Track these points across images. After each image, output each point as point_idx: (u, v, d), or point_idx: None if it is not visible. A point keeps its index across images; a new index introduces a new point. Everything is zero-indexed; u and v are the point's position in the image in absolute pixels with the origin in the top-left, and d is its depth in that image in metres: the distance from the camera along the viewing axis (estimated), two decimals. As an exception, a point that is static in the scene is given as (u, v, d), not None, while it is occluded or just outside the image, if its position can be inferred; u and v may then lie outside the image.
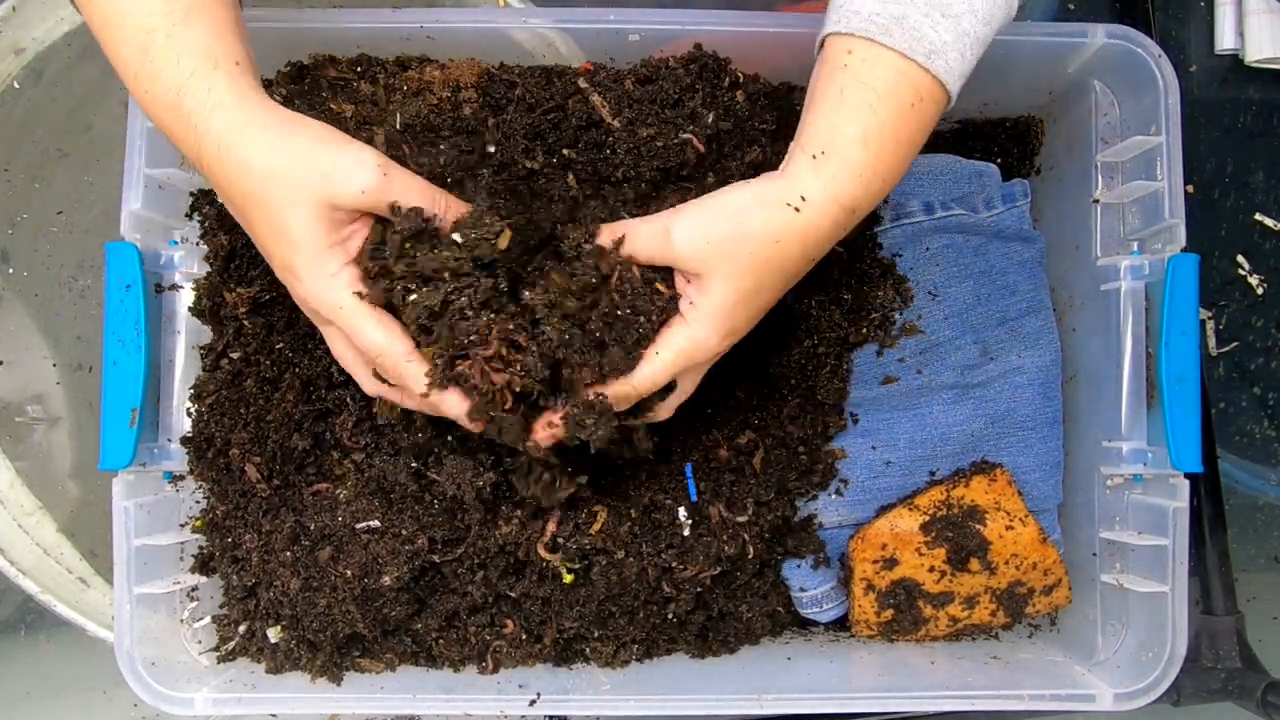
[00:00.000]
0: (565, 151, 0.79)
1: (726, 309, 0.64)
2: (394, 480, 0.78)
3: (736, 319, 0.65)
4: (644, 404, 0.68)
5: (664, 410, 0.70)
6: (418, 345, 0.64)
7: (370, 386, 0.69)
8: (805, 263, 0.66)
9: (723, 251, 0.63)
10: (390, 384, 0.67)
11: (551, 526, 0.76)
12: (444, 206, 0.66)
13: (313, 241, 0.62)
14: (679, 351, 0.65)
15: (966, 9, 0.63)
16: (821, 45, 0.67)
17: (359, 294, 0.63)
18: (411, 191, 0.64)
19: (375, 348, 0.64)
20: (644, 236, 0.66)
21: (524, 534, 0.76)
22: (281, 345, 0.81)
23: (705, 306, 0.64)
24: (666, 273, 0.66)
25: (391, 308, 0.64)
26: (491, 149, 0.77)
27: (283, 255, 0.63)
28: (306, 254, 0.62)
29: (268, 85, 0.82)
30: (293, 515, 0.79)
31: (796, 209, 0.62)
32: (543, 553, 0.76)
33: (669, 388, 0.69)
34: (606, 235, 0.66)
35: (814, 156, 0.63)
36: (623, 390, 0.66)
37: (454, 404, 0.64)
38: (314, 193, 0.61)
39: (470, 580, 0.80)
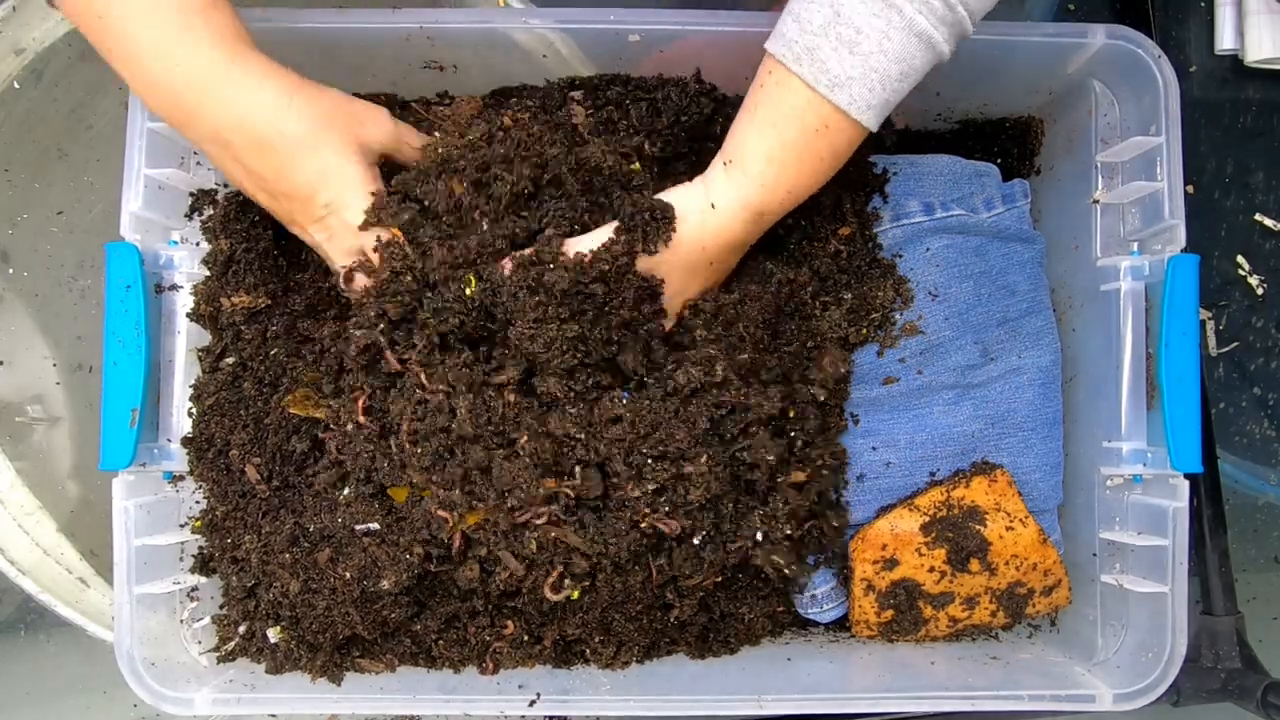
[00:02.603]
0: None
1: (678, 294, 0.77)
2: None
3: (686, 296, 0.78)
4: None
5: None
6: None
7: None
8: (730, 252, 0.77)
9: (660, 256, 0.74)
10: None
11: (558, 570, 0.76)
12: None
13: (362, 180, 0.73)
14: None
15: (876, 48, 0.66)
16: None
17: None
18: (412, 136, 0.79)
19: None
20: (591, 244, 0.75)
21: (526, 580, 0.76)
22: (277, 351, 0.81)
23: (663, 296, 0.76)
24: None
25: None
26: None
27: (332, 194, 0.73)
28: (362, 188, 0.73)
29: None
30: (292, 517, 0.79)
31: (711, 211, 0.73)
32: (549, 595, 0.76)
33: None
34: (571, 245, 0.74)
35: (725, 164, 0.73)
36: None
37: None
38: (356, 137, 0.74)
39: (469, 591, 0.79)
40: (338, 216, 0.74)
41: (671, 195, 0.75)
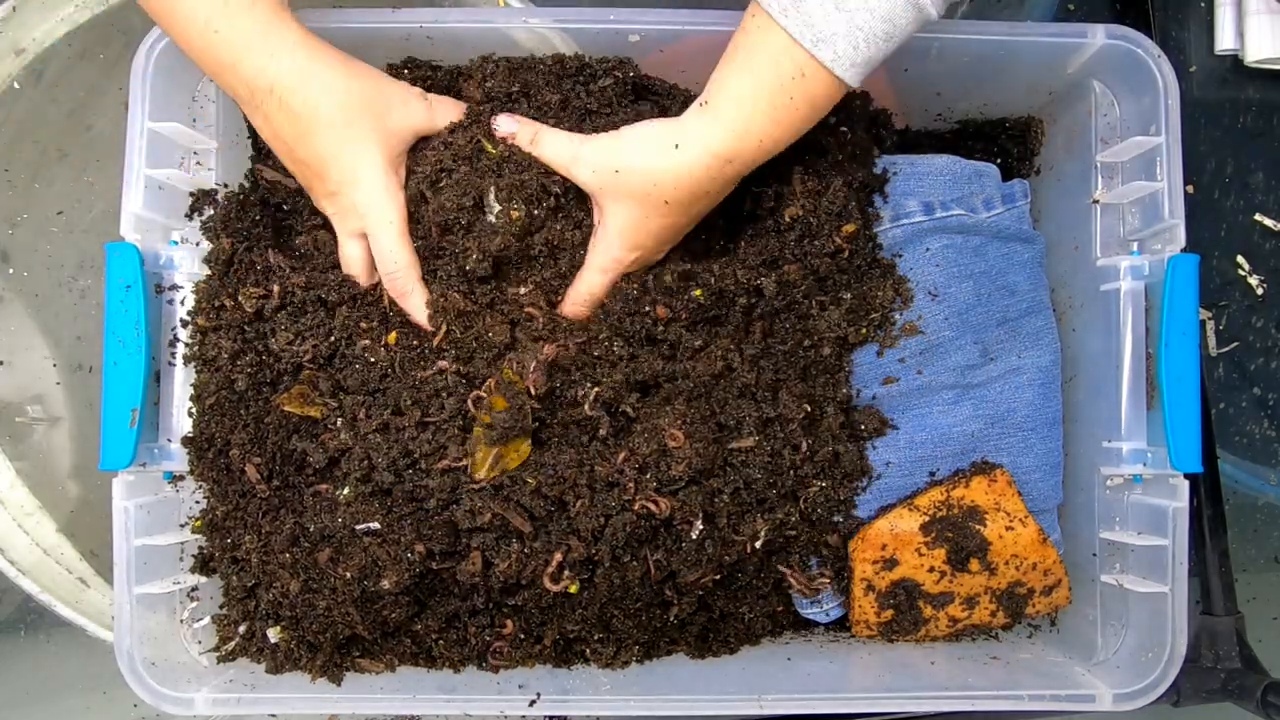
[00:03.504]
0: None
1: (626, 231, 0.75)
2: (393, 483, 0.77)
3: (637, 238, 0.76)
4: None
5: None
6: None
7: (366, 281, 0.81)
8: (691, 198, 0.74)
9: (611, 183, 0.74)
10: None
11: (558, 556, 0.76)
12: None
13: (383, 163, 0.75)
14: (601, 268, 0.78)
15: (862, 5, 0.66)
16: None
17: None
18: (448, 111, 0.79)
19: (405, 263, 0.77)
20: (553, 145, 0.77)
21: (524, 569, 0.76)
22: (279, 349, 0.81)
23: (608, 227, 0.76)
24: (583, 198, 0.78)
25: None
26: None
27: (343, 175, 0.74)
28: (378, 173, 0.75)
29: None
30: (292, 516, 0.79)
31: (674, 150, 0.71)
32: (548, 585, 0.76)
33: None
34: (524, 131, 0.77)
35: (700, 105, 0.72)
36: (574, 307, 0.80)
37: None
38: (382, 122, 0.74)
39: (471, 588, 0.79)
40: (347, 197, 0.75)
41: (636, 127, 0.75)
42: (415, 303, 0.79)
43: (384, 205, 0.75)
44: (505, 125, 0.78)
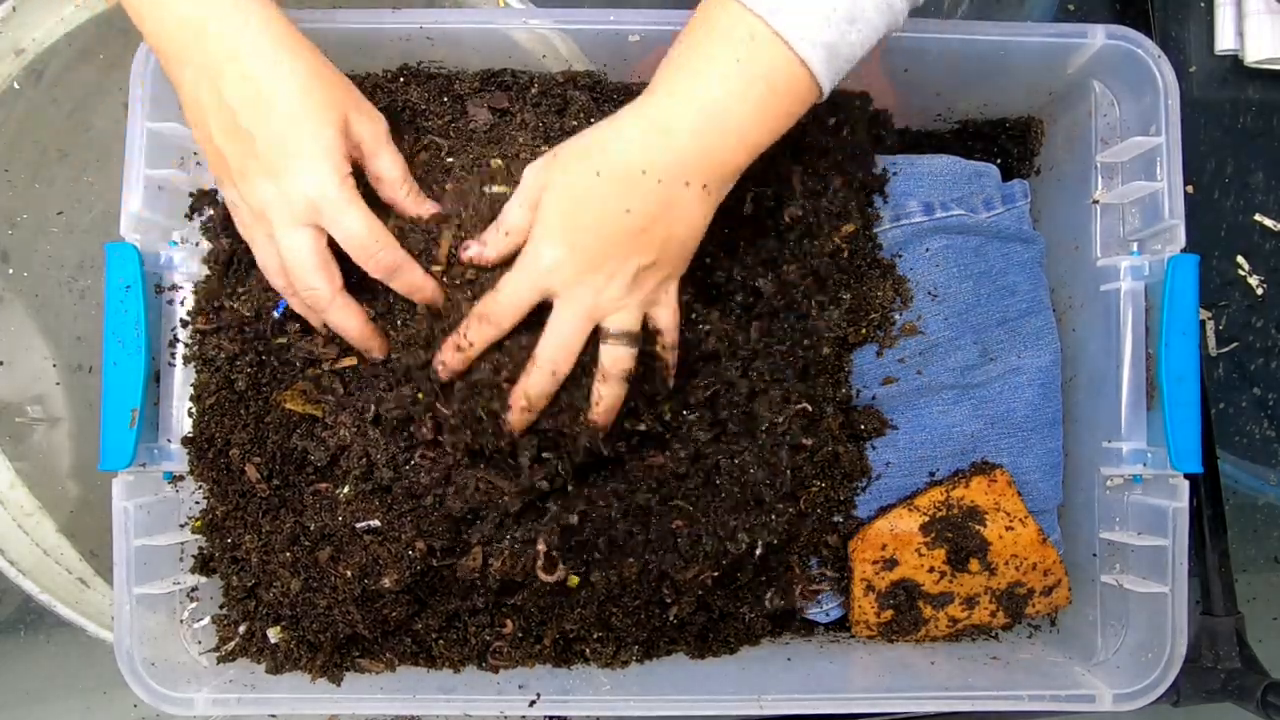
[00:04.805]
0: None
1: (555, 218, 0.68)
2: (392, 479, 0.77)
3: (567, 226, 0.68)
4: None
5: (597, 413, 0.71)
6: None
7: (313, 280, 0.72)
8: (625, 173, 0.66)
9: (547, 171, 0.69)
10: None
11: (540, 547, 0.76)
12: (408, 190, 0.75)
13: (335, 144, 0.69)
14: (523, 266, 0.69)
15: None
16: None
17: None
18: (392, 158, 0.74)
19: (384, 231, 0.71)
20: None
21: (516, 566, 0.76)
22: (281, 346, 0.81)
23: (538, 223, 0.69)
24: None
25: None
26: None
27: (301, 147, 0.68)
28: (328, 152, 0.69)
29: None
30: (292, 515, 0.79)
31: (606, 121, 0.68)
32: (543, 576, 0.76)
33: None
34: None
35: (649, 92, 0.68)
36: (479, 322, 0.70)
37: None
38: (345, 115, 0.70)
39: (471, 587, 0.80)
40: (297, 172, 0.68)
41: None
42: (412, 277, 0.72)
43: (343, 183, 0.69)
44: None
